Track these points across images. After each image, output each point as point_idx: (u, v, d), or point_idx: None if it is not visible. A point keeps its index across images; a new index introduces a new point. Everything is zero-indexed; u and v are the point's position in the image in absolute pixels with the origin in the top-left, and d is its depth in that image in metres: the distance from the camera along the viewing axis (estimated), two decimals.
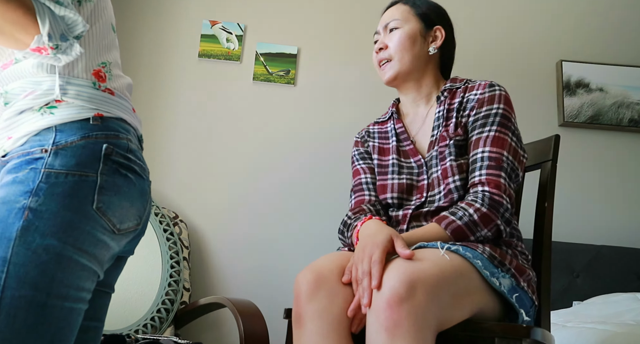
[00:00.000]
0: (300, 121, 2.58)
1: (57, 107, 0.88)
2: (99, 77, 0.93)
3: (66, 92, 0.88)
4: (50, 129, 0.86)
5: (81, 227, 0.83)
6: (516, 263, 1.12)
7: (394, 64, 1.32)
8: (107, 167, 0.87)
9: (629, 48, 2.69)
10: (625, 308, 1.86)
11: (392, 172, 1.30)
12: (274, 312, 2.17)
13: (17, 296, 0.76)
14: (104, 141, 0.88)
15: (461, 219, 1.10)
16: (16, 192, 0.81)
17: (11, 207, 0.80)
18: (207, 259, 2.40)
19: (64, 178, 0.83)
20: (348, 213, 1.30)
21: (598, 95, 2.63)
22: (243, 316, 1.60)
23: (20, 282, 0.77)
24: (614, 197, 2.52)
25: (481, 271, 1.02)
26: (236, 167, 2.50)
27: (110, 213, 0.87)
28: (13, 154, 0.87)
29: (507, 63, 2.66)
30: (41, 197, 0.81)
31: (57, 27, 0.81)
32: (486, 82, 1.27)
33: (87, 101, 0.89)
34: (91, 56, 0.93)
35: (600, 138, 2.61)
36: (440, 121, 1.27)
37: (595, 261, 2.34)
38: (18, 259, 0.78)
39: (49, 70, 0.88)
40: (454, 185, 1.19)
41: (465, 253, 1.03)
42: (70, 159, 0.85)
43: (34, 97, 0.88)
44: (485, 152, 1.18)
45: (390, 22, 1.36)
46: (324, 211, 2.44)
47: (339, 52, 2.66)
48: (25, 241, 0.79)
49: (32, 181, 0.82)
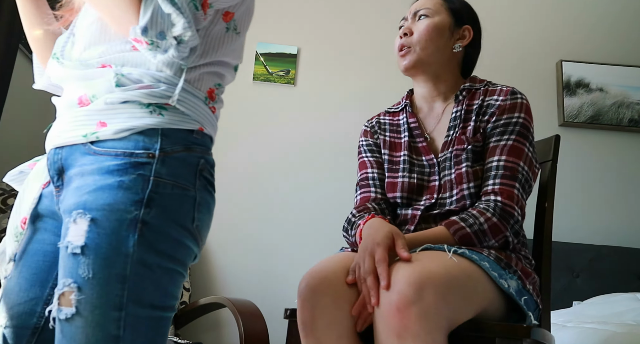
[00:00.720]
0: (300, 121, 2.58)
1: (167, 110, 0.82)
2: (211, 96, 0.90)
3: (182, 100, 0.83)
4: (156, 131, 0.81)
5: (185, 243, 0.81)
6: (521, 265, 1.12)
7: (415, 51, 1.27)
8: (200, 183, 0.84)
9: (629, 48, 2.70)
10: (625, 308, 1.86)
11: (403, 170, 1.26)
12: (274, 312, 2.17)
13: (138, 313, 0.76)
14: (200, 155, 0.85)
15: (471, 227, 1.09)
16: (126, 201, 0.76)
17: (122, 217, 0.76)
18: (207, 259, 2.40)
19: (170, 190, 0.79)
20: (353, 211, 1.27)
21: (598, 95, 2.63)
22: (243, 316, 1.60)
23: (139, 299, 0.76)
24: (614, 197, 2.53)
25: (489, 272, 1.02)
26: (236, 167, 2.50)
27: (203, 232, 0.86)
28: (110, 149, 0.79)
29: (507, 63, 2.66)
30: (152, 209, 0.77)
31: (158, 23, 0.76)
32: (508, 89, 1.24)
33: (195, 113, 0.86)
34: (212, 75, 0.90)
35: (600, 138, 2.61)
36: (457, 121, 1.24)
37: (595, 261, 2.34)
38: (136, 277, 0.76)
39: (176, 72, 0.84)
40: (468, 192, 1.17)
41: (471, 256, 1.03)
42: (176, 169, 0.80)
43: (149, 92, 0.81)
44: (501, 161, 1.16)
45: (421, 10, 1.30)
46: (324, 211, 2.44)
47: (339, 52, 2.66)
48: (141, 257, 0.76)
49: (142, 189, 0.77)
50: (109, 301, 0.75)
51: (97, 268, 0.75)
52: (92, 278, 0.75)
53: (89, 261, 0.75)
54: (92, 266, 0.75)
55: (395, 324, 0.86)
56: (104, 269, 0.75)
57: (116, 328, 0.75)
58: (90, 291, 0.74)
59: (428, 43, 1.26)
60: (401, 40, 1.30)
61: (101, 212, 0.76)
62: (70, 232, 0.76)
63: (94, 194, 0.77)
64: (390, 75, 2.60)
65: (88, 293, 0.74)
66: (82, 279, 0.75)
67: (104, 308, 0.74)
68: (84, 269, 0.75)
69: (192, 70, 0.86)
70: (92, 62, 0.85)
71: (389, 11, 2.71)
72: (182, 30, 0.77)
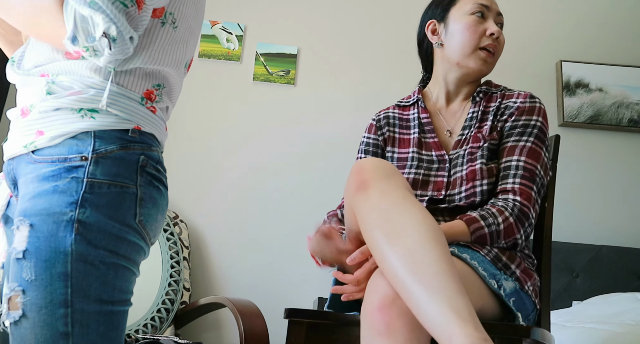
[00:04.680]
0: (300, 121, 2.58)
1: (99, 113, 0.84)
2: (148, 96, 0.91)
3: (113, 102, 0.85)
4: (89, 133, 0.83)
5: (128, 239, 0.84)
6: (524, 266, 1.12)
7: (494, 61, 1.26)
8: (143, 179, 0.86)
9: (629, 48, 2.70)
10: (624, 307, 1.86)
11: (410, 167, 1.25)
12: (274, 312, 2.17)
13: (86, 308, 0.78)
14: (140, 152, 0.87)
15: (489, 227, 1.08)
16: (61, 203, 0.79)
17: (58, 219, 0.78)
18: (207, 259, 2.40)
19: (106, 189, 0.82)
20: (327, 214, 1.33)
21: (598, 95, 2.63)
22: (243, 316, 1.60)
23: (86, 295, 0.78)
24: (613, 197, 2.53)
25: (478, 271, 1.02)
26: (236, 167, 2.50)
27: (149, 226, 0.87)
28: (46, 156, 0.83)
29: (507, 63, 2.66)
30: (87, 209, 0.80)
31: (82, 28, 0.78)
32: (527, 93, 1.25)
33: (129, 114, 0.87)
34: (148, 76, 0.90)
35: (599, 138, 2.61)
36: (474, 121, 1.24)
37: (595, 261, 2.34)
38: (79, 274, 0.78)
39: (106, 76, 0.85)
40: (481, 188, 1.16)
41: (461, 255, 1.03)
42: (111, 168, 0.83)
43: (79, 98, 0.84)
44: (520, 162, 1.15)
45: (501, 16, 1.29)
46: (324, 211, 2.44)
47: (339, 52, 2.66)
48: (81, 254, 0.78)
49: (76, 191, 0.80)
50: (54, 299, 0.77)
51: (39, 269, 0.77)
52: (35, 279, 0.77)
53: (31, 264, 0.78)
54: (34, 268, 0.77)
55: (377, 323, 0.85)
56: (45, 270, 0.77)
57: (64, 325, 0.77)
58: (35, 293, 0.77)
59: (499, 56, 1.28)
60: (492, 39, 1.23)
61: (39, 217, 0.79)
62: (15, 239, 0.80)
63: (33, 200, 0.80)
64: (391, 75, 2.60)
65: (33, 295, 0.77)
66: (26, 282, 0.77)
67: (50, 307, 0.77)
68: (27, 272, 0.77)
69: (123, 73, 0.87)
70: (33, 71, 0.88)
71: (389, 11, 2.72)
72: (104, 25, 0.78)
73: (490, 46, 1.22)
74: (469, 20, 1.23)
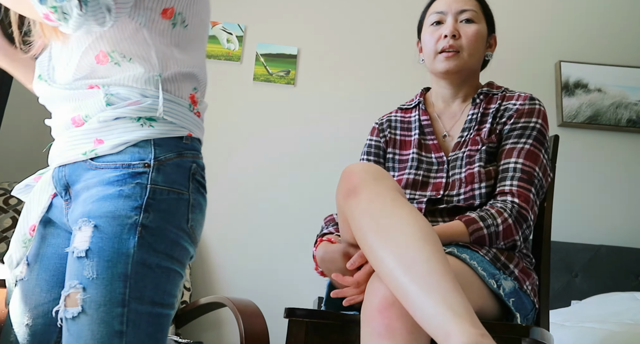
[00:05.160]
0: (300, 121, 2.58)
1: (157, 121, 0.89)
2: (193, 101, 0.95)
3: (168, 110, 0.90)
4: (149, 142, 0.88)
5: (181, 244, 0.88)
6: (522, 265, 1.12)
7: (463, 57, 1.25)
8: (193, 186, 0.91)
9: (628, 49, 2.70)
10: (623, 307, 1.87)
11: (410, 167, 1.26)
12: (275, 311, 2.18)
13: (139, 309, 0.82)
14: (192, 160, 0.91)
15: (488, 229, 1.09)
16: (126, 207, 0.83)
17: (123, 222, 0.82)
18: (208, 259, 2.41)
19: (166, 195, 0.86)
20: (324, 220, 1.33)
21: (596, 95, 2.64)
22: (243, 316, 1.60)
23: (141, 296, 0.82)
24: (612, 197, 2.53)
25: (477, 271, 1.03)
26: (236, 167, 2.51)
27: (197, 231, 0.92)
28: (109, 162, 0.86)
29: (507, 63, 2.67)
30: (150, 214, 0.84)
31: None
32: (527, 95, 1.25)
33: (182, 121, 0.92)
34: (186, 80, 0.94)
35: (598, 138, 2.61)
36: (473, 123, 1.25)
37: (593, 260, 2.35)
38: (137, 275, 0.82)
39: (155, 85, 0.90)
40: (479, 191, 1.17)
41: (460, 255, 1.03)
42: (169, 175, 0.87)
43: (137, 108, 0.88)
44: (518, 164, 1.16)
45: (467, 11, 1.28)
46: (324, 211, 2.44)
47: (339, 53, 2.67)
48: (141, 257, 0.82)
49: (140, 196, 0.84)
50: (113, 298, 0.80)
51: (101, 269, 0.81)
52: (96, 278, 0.80)
53: (93, 263, 0.81)
54: (96, 267, 0.81)
55: (377, 324, 0.86)
56: (107, 269, 0.81)
57: (119, 323, 0.80)
58: (95, 291, 0.80)
59: (475, 51, 1.26)
60: (447, 41, 1.25)
61: (104, 219, 0.82)
62: (76, 239, 0.83)
63: (97, 203, 0.84)
64: (391, 76, 2.61)
65: (93, 293, 0.80)
66: (87, 280, 0.81)
67: (108, 305, 0.80)
68: (89, 271, 0.81)
69: (168, 81, 0.91)
70: (77, 85, 0.90)
71: (389, 11, 2.72)
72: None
73: (446, 47, 1.25)
74: (427, 32, 1.30)
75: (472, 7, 1.28)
